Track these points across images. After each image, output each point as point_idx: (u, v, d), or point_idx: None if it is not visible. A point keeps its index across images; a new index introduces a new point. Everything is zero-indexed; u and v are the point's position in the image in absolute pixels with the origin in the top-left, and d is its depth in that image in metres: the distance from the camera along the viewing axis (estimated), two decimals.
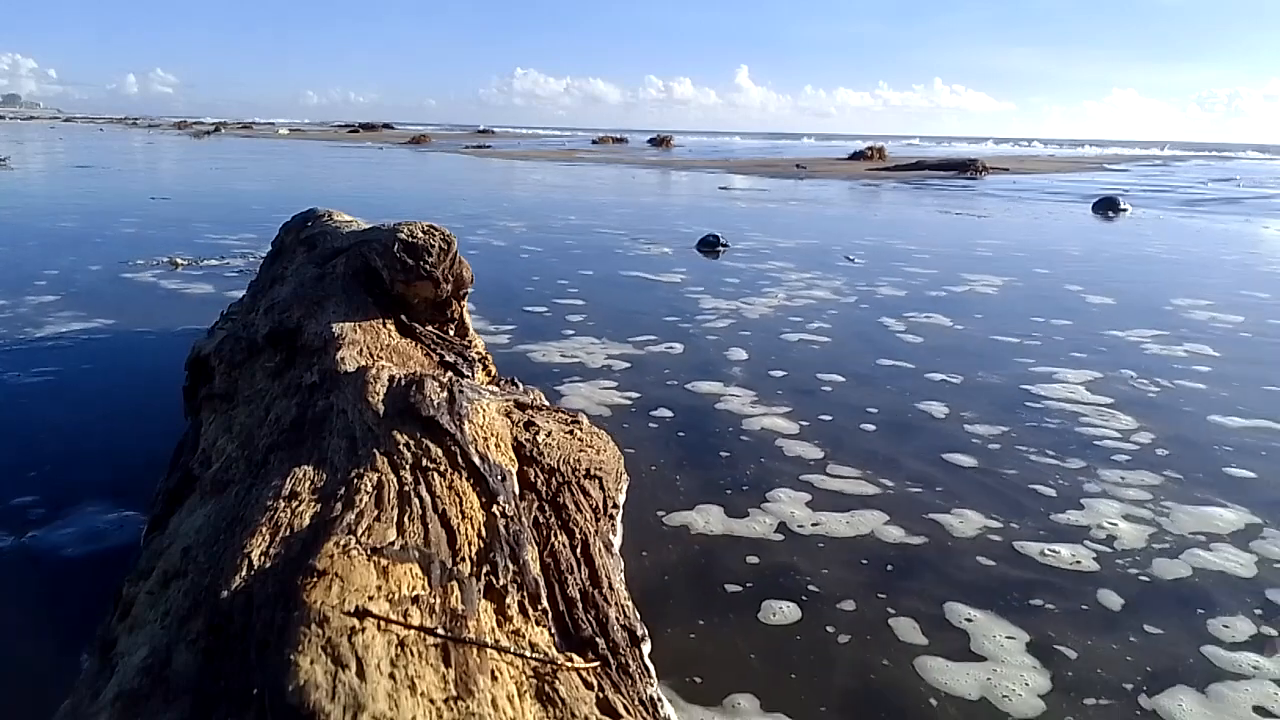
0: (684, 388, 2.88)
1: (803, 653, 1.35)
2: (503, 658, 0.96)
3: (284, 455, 1.33)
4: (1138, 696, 1.26)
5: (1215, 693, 1.28)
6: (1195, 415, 2.74)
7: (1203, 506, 2.04)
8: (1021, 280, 5.27)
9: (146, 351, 3.23)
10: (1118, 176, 18.76)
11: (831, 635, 1.39)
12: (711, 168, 18.60)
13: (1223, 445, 2.46)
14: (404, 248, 2.05)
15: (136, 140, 28.03)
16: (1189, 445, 2.46)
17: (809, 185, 13.94)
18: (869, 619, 1.45)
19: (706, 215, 8.73)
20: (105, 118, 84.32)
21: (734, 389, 2.86)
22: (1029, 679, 1.29)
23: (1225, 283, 5.45)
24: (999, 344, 3.62)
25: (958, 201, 11.37)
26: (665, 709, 1.16)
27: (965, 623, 1.44)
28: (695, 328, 3.77)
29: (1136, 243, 7.72)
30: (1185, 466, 2.29)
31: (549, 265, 5.39)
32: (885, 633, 1.41)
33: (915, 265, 5.70)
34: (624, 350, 3.34)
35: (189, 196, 9.53)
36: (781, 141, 50.27)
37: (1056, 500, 2.03)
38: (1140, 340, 3.74)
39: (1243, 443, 2.47)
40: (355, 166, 16.68)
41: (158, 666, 0.94)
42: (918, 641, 1.38)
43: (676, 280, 4.92)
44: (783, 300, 4.44)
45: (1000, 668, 1.31)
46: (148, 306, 3.92)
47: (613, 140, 33.92)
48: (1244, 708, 1.23)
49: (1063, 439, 2.46)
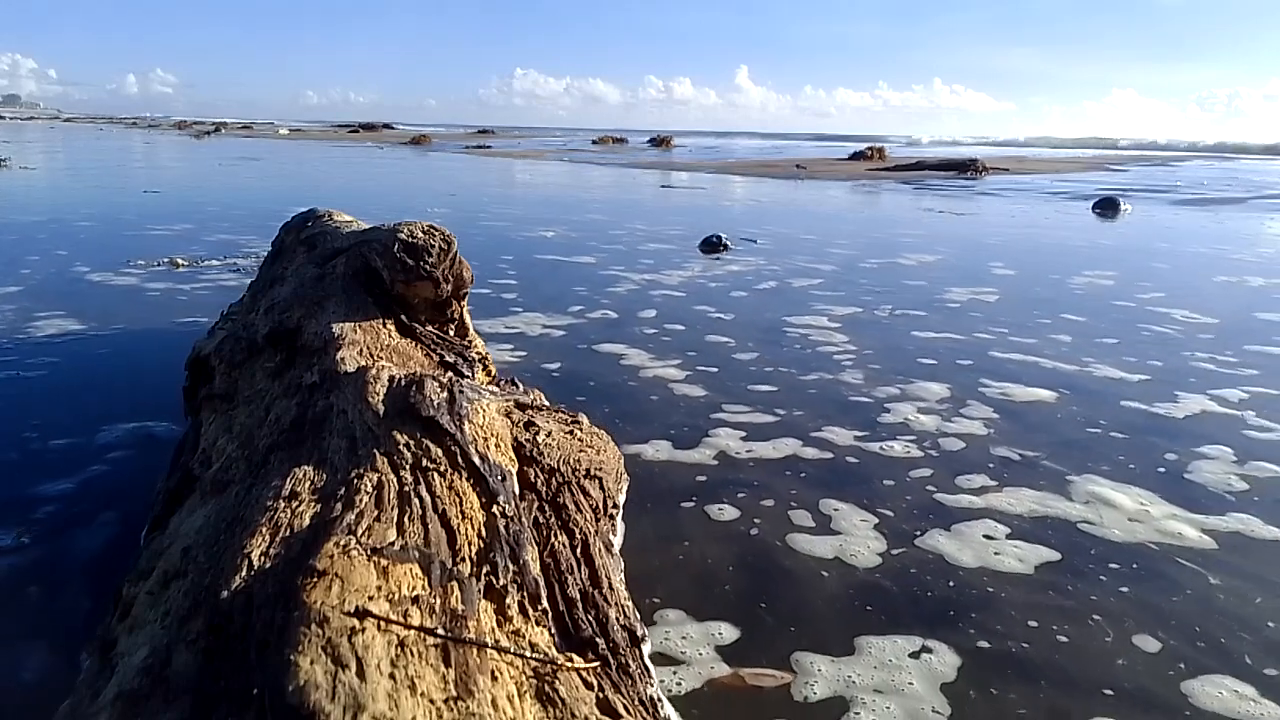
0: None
1: (728, 534, 1.88)
2: (503, 658, 0.96)
3: (284, 455, 1.33)
4: (917, 538, 1.86)
5: (957, 530, 1.90)
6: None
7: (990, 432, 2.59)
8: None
9: (146, 351, 3.23)
10: (1118, 176, 18.77)
11: (748, 522, 1.93)
12: (704, 169, 18.60)
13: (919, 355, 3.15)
14: (404, 248, 2.06)
15: (136, 140, 28.03)
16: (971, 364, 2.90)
17: (809, 187, 13.94)
18: (775, 512, 1.97)
19: (706, 214, 8.78)
20: (105, 118, 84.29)
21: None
22: (870, 544, 1.82)
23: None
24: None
25: (957, 202, 11.40)
26: (665, 709, 1.16)
27: (834, 511, 1.98)
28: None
29: (1134, 239, 7.75)
30: (963, 382, 3.03)
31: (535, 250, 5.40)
32: (783, 520, 1.93)
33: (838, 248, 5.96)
34: (560, 321, 3.35)
35: (189, 197, 9.52)
36: (781, 141, 50.35)
37: (889, 412, 2.71)
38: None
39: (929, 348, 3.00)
40: (356, 167, 16.68)
41: (158, 666, 0.94)
42: (803, 524, 1.92)
43: (673, 283, 4.93)
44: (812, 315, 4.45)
45: (850, 539, 1.84)
46: (148, 306, 3.92)
47: (613, 141, 33.92)
48: (977, 537, 1.87)
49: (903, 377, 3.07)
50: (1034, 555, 1.78)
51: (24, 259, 5.05)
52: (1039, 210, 10.50)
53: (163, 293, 4.25)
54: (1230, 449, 2.44)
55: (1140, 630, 1.50)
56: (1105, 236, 8.26)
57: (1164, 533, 1.91)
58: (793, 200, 11.42)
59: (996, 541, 1.84)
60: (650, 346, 3.44)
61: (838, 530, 1.87)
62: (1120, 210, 10.21)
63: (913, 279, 5.24)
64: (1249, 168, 25.93)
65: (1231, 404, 2.86)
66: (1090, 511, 2.00)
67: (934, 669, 1.35)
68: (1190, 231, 8.86)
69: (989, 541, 1.83)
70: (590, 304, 4.22)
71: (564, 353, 3.34)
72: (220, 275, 4.71)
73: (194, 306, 3.88)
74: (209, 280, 4.56)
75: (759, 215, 9.38)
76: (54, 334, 3.38)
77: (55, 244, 5.62)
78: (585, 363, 3.22)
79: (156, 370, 2.90)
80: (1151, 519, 1.97)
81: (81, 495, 1.97)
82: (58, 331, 3.42)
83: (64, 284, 4.35)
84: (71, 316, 3.64)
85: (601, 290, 4.58)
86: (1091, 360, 3.38)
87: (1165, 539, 1.88)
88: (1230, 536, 1.90)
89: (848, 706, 1.27)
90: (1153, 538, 1.89)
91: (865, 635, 1.46)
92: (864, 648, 1.42)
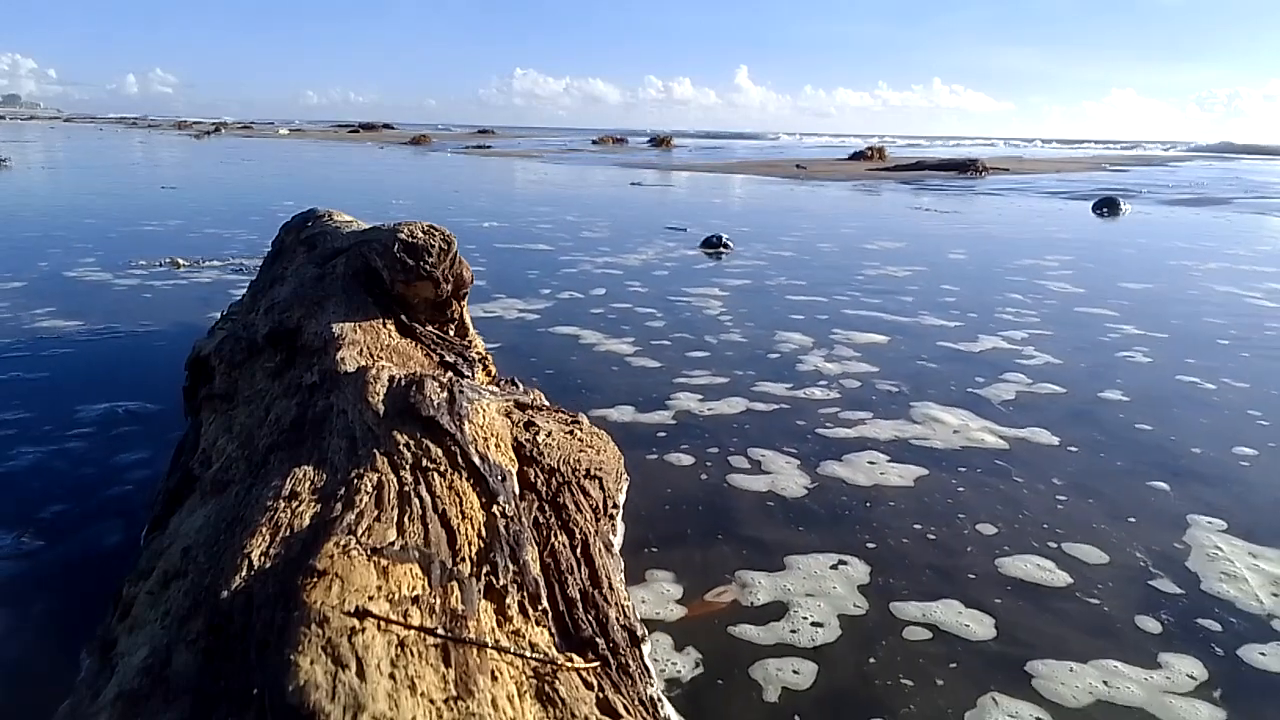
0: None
1: (680, 475, 2.20)
2: (503, 658, 0.96)
3: (284, 455, 1.33)
4: (825, 469, 2.25)
5: (849, 459, 2.30)
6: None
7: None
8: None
9: (147, 351, 3.23)
10: (1118, 176, 18.77)
11: (699, 467, 2.25)
12: (703, 169, 18.59)
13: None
14: (404, 248, 2.05)
15: (135, 140, 28.03)
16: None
17: (808, 187, 13.95)
18: (721, 458, 2.29)
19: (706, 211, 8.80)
20: (105, 118, 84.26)
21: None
22: (799, 482, 2.15)
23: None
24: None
25: (953, 200, 11.42)
26: (665, 709, 1.16)
27: (762, 456, 2.31)
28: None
29: (1129, 237, 7.75)
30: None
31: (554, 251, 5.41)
32: (725, 464, 2.26)
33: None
34: (528, 304, 3.36)
35: (189, 196, 9.52)
36: (781, 141, 50.36)
37: (806, 371, 3.18)
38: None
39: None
40: (357, 167, 16.67)
41: (158, 666, 0.94)
42: (741, 466, 2.24)
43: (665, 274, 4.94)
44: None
45: (780, 477, 2.18)
46: (148, 307, 3.92)
47: (612, 141, 33.93)
48: (864, 464, 2.28)
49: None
50: (907, 472, 2.24)
51: (23, 259, 5.05)
52: (1036, 208, 10.54)
53: (163, 292, 4.25)
54: (1020, 375, 3.15)
55: (980, 519, 1.96)
56: (1086, 232, 8.49)
57: (978, 442, 2.46)
58: (791, 199, 11.46)
59: (879, 464, 2.29)
60: (679, 334, 3.73)
61: (769, 469, 2.24)
62: (1120, 210, 10.22)
63: (869, 262, 5.81)
64: (1249, 168, 25.95)
65: (1016, 341, 3.68)
66: (928, 429, 2.56)
67: (850, 574, 1.69)
68: (1163, 227, 8.89)
69: (874, 465, 2.28)
70: (616, 295, 4.44)
71: (579, 319, 3.87)
72: (221, 275, 4.71)
73: (194, 306, 3.88)
74: (209, 280, 4.56)
75: (756, 214, 9.54)
76: (54, 334, 3.38)
77: (55, 244, 5.62)
78: (565, 343, 3.53)
79: (156, 370, 2.90)
80: (970, 431, 2.55)
81: (81, 495, 1.97)
82: (58, 331, 3.42)
83: (64, 284, 4.35)
84: (72, 316, 3.64)
85: (619, 285, 4.71)
86: (924, 313, 4.18)
87: (981, 447, 2.43)
88: (1022, 443, 2.47)
89: (786, 609, 1.56)
90: (973, 446, 2.43)
91: (794, 554, 1.76)
92: (794, 563, 1.73)
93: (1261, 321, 4.27)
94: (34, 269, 4.72)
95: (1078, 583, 1.67)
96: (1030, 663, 1.40)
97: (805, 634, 1.47)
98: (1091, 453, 2.39)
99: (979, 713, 1.27)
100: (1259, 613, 1.57)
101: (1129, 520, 1.96)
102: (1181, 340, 3.78)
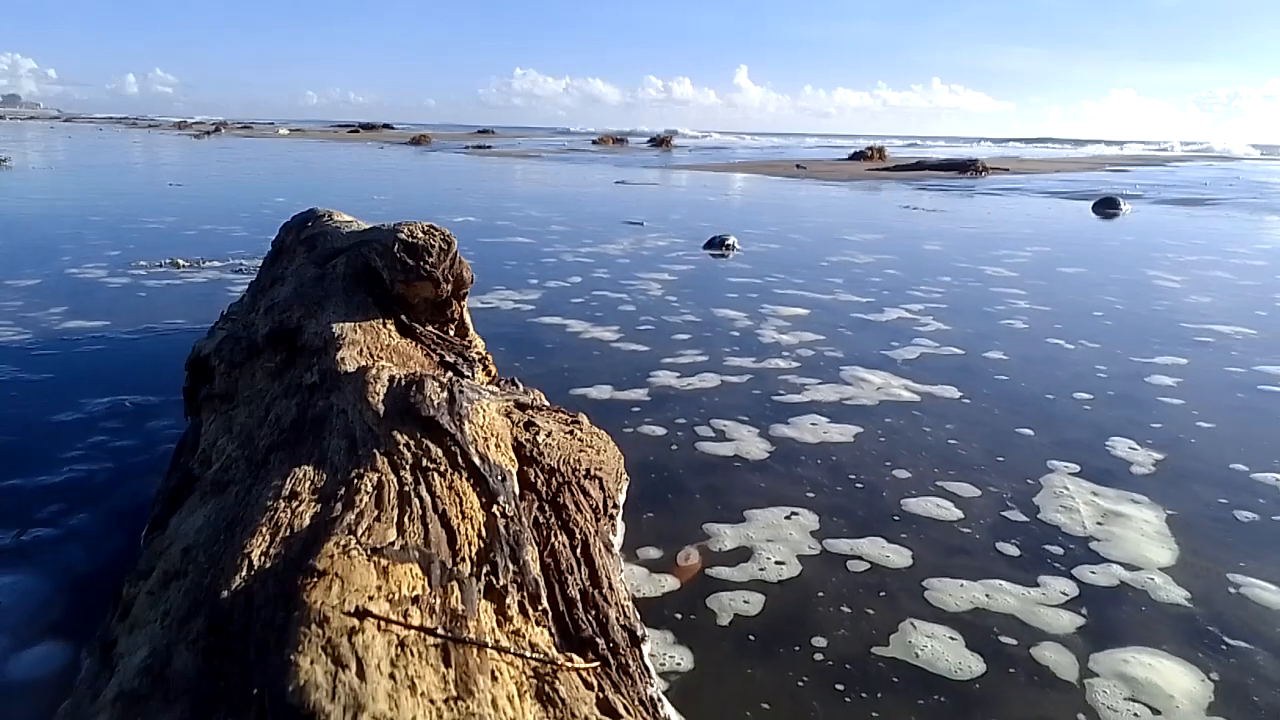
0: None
1: (656, 441, 2.46)
2: (503, 658, 0.96)
3: (284, 455, 1.33)
4: (771, 425, 2.61)
5: (795, 421, 2.63)
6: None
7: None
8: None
9: (147, 351, 3.23)
10: (1118, 176, 18.76)
11: (671, 436, 2.50)
12: (704, 169, 18.58)
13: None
14: (404, 248, 2.05)
15: (135, 140, 28.02)
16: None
17: (807, 186, 13.95)
18: (692, 429, 2.54)
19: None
20: (105, 118, 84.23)
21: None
22: (759, 446, 2.42)
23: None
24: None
25: (951, 199, 11.44)
26: (665, 709, 1.16)
27: (726, 425, 2.58)
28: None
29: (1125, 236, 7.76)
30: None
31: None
32: (694, 434, 2.51)
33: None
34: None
35: (190, 194, 9.52)
36: (782, 140, 50.40)
37: (769, 345, 3.58)
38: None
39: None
40: (358, 167, 16.67)
41: (158, 667, 0.94)
42: (705, 435, 2.50)
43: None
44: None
45: (743, 443, 2.44)
46: (148, 307, 3.92)
47: (613, 140, 33.92)
48: (808, 425, 2.61)
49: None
50: (845, 429, 2.57)
51: (23, 259, 5.05)
52: (1033, 207, 10.54)
53: (164, 292, 4.25)
54: (925, 340, 3.69)
55: (897, 466, 2.31)
56: (1058, 226, 8.75)
57: (898, 397, 2.90)
58: (790, 197, 11.47)
59: (821, 423, 2.62)
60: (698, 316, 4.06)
61: (732, 437, 2.51)
62: (1120, 210, 10.22)
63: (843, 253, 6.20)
64: (1249, 168, 25.95)
65: (916, 312, 4.26)
66: (858, 389, 2.98)
67: (803, 522, 1.96)
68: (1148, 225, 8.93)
69: (815, 425, 2.60)
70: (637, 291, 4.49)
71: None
72: (221, 275, 4.71)
73: (194, 306, 3.88)
74: (209, 280, 4.56)
75: (751, 212, 9.62)
76: (54, 334, 3.38)
77: (54, 244, 5.62)
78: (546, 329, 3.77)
79: (156, 370, 2.90)
80: (891, 388, 2.98)
81: (81, 496, 1.97)
82: (58, 332, 3.42)
83: (64, 284, 4.35)
84: (72, 317, 3.64)
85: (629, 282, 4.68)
86: (841, 291, 4.73)
87: (900, 401, 2.86)
88: (930, 396, 2.93)
89: (750, 553, 1.81)
90: (894, 400, 2.87)
91: (753, 509, 2.01)
92: (754, 516, 1.98)
93: (1151, 298, 4.85)
94: (33, 269, 4.72)
95: (964, 516, 2.02)
96: (929, 579, 1.72)
97: (771, 572, 1.75)
98: (977, 403, 2.89)
99: (901, 635, 1.53)
100: (1082, 536, 1.94)
101: (999, 460, 2.38)
102: (1062, 314, 4.33)
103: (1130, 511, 2.06)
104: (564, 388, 2.85)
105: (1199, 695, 1.39)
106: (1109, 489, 2.18)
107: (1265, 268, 6.19)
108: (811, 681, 1.39)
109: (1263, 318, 4.40)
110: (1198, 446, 2.52)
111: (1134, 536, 1.93)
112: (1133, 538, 1.92)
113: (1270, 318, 4.43)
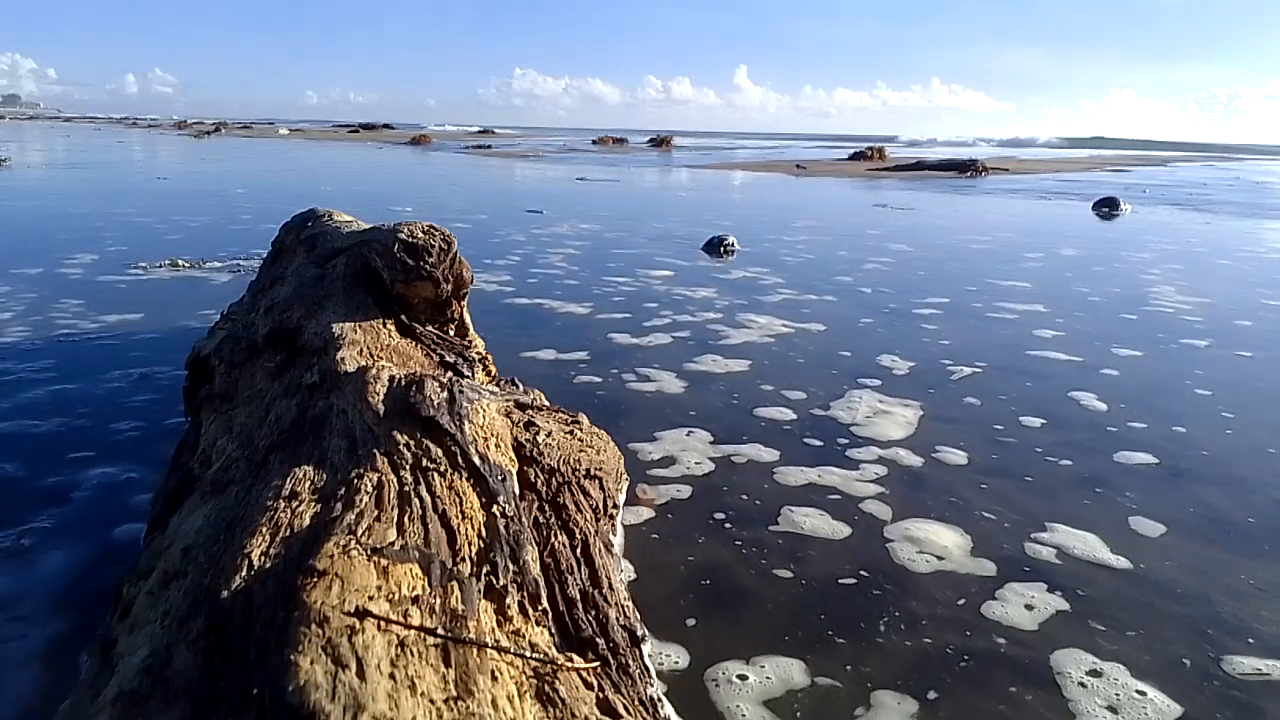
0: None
1: (639, 398, 2.82)
2: (503, 658, 0.96)
3: (284, 455, 1.33)
4: (690, 366, 3.16)
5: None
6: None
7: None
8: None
9: (146, 352, 3.23)
10: (1118, 177, 18.76)
11: (649, 391, 2.88)
12: (703, 169, 18.58)
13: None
14: (404, 248, 2.05)
15: (135, 140, 28.02)
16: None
17: (805, 185, 13.96)
18: (664, 388, 2.91)
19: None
20: (105, 118, 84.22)
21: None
22: (671, 378, 2.99)
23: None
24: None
25: (952, 198, 11.45)
26: (665, 709, 1.16)
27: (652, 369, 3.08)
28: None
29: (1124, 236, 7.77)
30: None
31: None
32: (667, 390, 2.90)
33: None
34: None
35: (191, 190, 9.52)
36: (782, 142, 50.44)
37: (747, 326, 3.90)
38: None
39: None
40: (357, 167, 16.67)
41: (158, 666, 0.94)
42: (632, 379, 2.98)
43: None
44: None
45: (662, 383, 2.93)
46: (148, 307, 3.92)
47: (612, 141, 33.91)
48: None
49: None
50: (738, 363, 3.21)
51: (22, 259, 5.05)
52: (1033, 208, 10.55)
53: (163, 292, 4.25)
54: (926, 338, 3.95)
55: (767, 383, 2.95)
56: (1045, 222, 8.81)
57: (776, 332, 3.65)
58: (789, 198, 11.48)
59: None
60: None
61: (653, 379, 3.01)
62: (1120, 209, 10.22)
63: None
64: (1250, 168, 25.93)
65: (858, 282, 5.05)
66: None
67: (701, 436, 2.46)
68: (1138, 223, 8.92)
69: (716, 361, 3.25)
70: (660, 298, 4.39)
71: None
72: (220, 275, 4.71)
73: (194, 306, 3.88)
74: (209, 281, 4.56)
75: (748, 212, 9.59)
76: (53, 334, 3.38)
77: (53, 243, 5.62)
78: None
79: (156, 370, 2.90)
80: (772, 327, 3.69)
81: (81, 495, 1.97)
82: (56, 332, 3.42)
83: (64, 284, 4.35)
84: (72, 317, 3.64)
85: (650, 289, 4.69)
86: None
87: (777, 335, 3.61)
88: (801, 330, 3.73)
89: (716, 494, 2.13)
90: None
91: (714, 450, 2.38)
92: (711, 454, 2.35)
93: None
94: (32, 269, 4.72)
95: (796, 419, 2.63)
96: (780, 469, 2.25)
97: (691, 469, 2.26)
98: (832, 333, 3.74)
99: (787, 514, 2.00)
100: (862, 434, 2.53)
101: (831, 373, 3.14)
102: (1061, 313, 4.49)
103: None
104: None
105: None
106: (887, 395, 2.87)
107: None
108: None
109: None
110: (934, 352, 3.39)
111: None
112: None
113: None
